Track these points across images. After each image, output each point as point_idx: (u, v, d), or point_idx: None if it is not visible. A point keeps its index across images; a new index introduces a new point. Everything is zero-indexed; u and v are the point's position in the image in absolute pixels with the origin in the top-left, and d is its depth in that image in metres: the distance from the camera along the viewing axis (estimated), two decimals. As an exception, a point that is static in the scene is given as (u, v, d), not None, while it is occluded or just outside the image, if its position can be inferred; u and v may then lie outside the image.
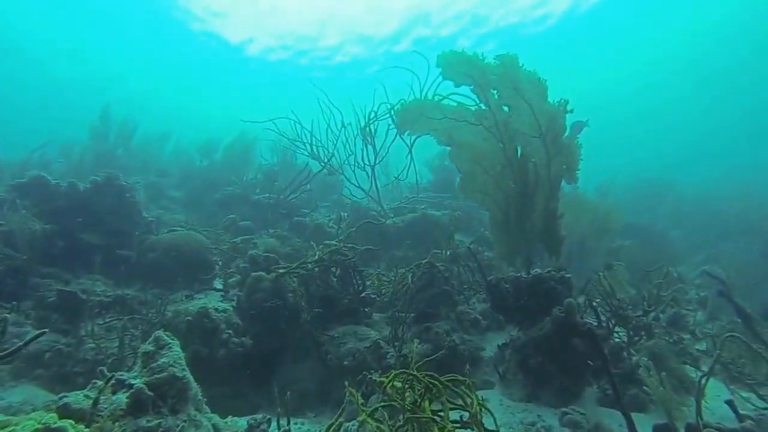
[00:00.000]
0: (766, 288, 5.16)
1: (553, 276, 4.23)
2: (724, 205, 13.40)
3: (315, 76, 35.75)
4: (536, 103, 3.92)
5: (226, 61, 37.23)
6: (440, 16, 30.19)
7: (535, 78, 3.89)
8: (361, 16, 30.11)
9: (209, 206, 9.64)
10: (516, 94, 3.92)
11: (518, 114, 4.02)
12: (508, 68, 3.89)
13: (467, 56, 4.00)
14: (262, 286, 4.60)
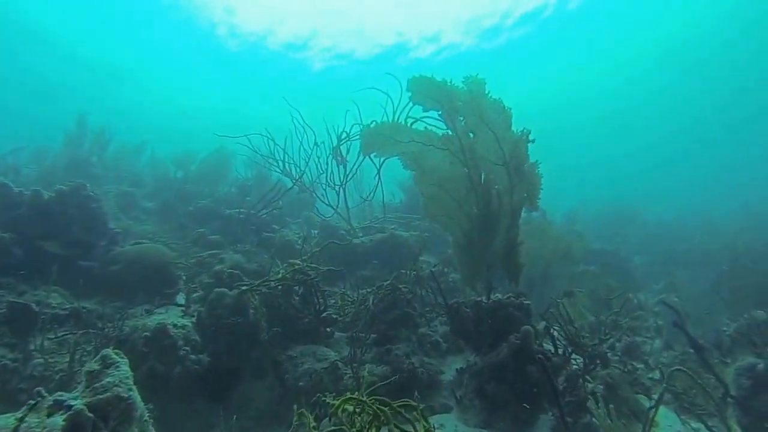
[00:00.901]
0: (719, 318, 5.30)
1: (512, 302, 4.29)
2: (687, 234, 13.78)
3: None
4: (500, 132, 4.03)
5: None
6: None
7: (500, 106, 4.01)
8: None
9: (181, 218, 9.53)
10: (481, 122, 4.02)
11: (483, 141, 4.12)
12: (474, 95, 3.99)
13: (436, 82, 4.09)
14: (224, 303, 4.56)
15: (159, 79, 41.47)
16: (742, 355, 4.39)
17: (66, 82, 38.81)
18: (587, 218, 16.22)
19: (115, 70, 38.54)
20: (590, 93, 45.44)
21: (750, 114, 42.82)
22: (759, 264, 6.08)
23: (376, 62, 34.76)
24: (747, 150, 47.95)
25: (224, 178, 12.09)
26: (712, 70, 38.01)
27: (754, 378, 3.94)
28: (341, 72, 36.80)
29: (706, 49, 35.61)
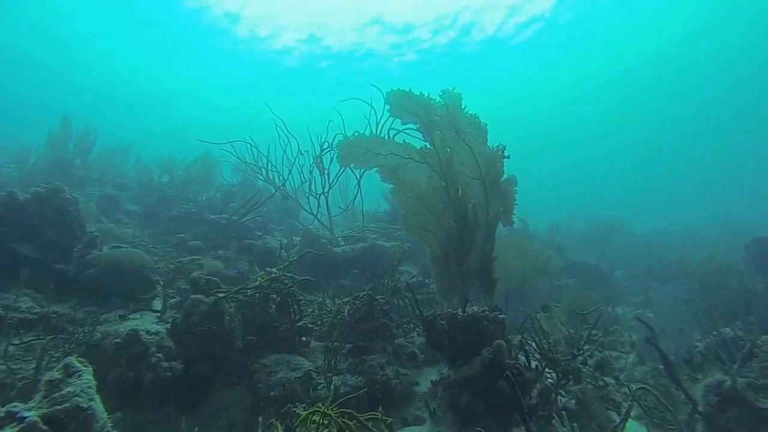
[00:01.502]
0: (692, 333, 5.36)
1: (487, 316, 4.31)
2: (669, 248, 13.95)
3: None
4: (477, 147, 4.07)
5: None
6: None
7: (476, 121, 4.05)
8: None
9: (165, 223, 9.50)
10: (458, 137, 4.06)
11: (460, 156, 4.16)
12: (451, 110, 4.03)
13: (414, 96, 4.13)
14: (199, 310, 4.54)
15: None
16: (712, 372, 4.45)
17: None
18: (572, 231, 16.41)
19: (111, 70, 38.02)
20: (577, 104, 45.87)
21: (739, 122, 43.69)
22: (731, 282, 6.17)
23: (369, 58, 34.82)
24: (738, 160, 48.89)
25: (210, 184, 12.05)
26: (700, 79, 38.74)
27: (721, 395, 3.99)
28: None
29: (693, 59, 36.26)
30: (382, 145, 4.23)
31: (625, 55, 36.95)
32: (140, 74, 38.89)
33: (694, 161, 51.50)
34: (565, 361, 4.50)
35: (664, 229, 18.82)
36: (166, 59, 36.94)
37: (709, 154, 50.09)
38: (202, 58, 36.76)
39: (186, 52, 35.96)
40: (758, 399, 3.76)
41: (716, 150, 49.11)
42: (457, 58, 35.14)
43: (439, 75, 36.20)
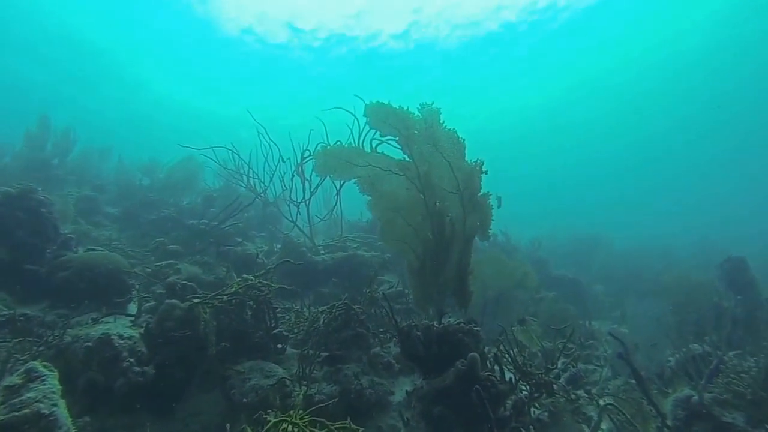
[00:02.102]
0: (664, 348, 5.45)
1: (462, 328, 4.33)
2: (647, 264, 14.13)
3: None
4: (455, 161, 4.11)
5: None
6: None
7: (454, 136, 4.10)
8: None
9: (144, 226, 9.41)
10: (436, 151, 4.09)
11: (438, 169, 4.19)
12: (429, 124, 4.07)
13: (393, 109, 4.16)
14: (174, 315, 4.49)
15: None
16: (681, 387, 4.52)
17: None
18: (555, 244, 16.55)
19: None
20: (562, 113, 46.41)
21: (715, 136, 44.56)
22: (703, 299, 6.27)
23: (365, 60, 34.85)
24: (715, 172, 49.80)
25: (192, 188, 11.97)
26: (680, 92, 39.52)
27: (688, 409, 4.07)
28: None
29: (672, 74, 37.00)
30: (361, 157, 4.25)
31: (608, 66, 37.56)
32: (128, 74, 38.44)
33: (673, 171, 52.34)
34: (539, 375, 4.53)
35: (644, 245, 19.09)
36: (158, 60, 36.65)
37: (688, 165, 51.00)
38: (198, 63, 36.58)
39: (183, 58, 35.76)
40: (723, 413, 3.84)
41: (694, 161, 50.05)
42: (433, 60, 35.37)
43: (417, 74, 36.33)
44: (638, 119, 45.44)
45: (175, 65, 37.31)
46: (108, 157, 13.57)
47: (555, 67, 37.95)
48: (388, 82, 36.02)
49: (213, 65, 36.83)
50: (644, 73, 37.72)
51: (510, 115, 45.95)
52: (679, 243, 19.71)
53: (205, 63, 36.55)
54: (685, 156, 49.97)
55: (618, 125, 47.53)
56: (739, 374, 3.85)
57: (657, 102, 42.19)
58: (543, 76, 39.46)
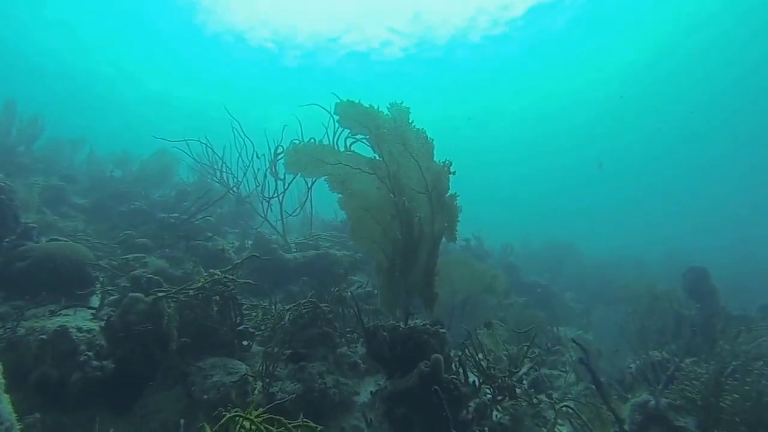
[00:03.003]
0: (626, 355, 5.56)
1: (428, 329, 4.36)
2: (617, 273, 14.39)
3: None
4: (423, 161, 4.14)
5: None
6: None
7: (423, 136, 4.12)
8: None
9: (114, 219, 9.24)
10: (405, 150, 4.12)
11: (407, 169, 4.21)
12: (399, 123, 4.09)
13: (363, 108, 4.17)
14: (138, 309, 4.42)
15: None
16: (640, 392, 4.63)
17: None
18: (528, 251, 16.77)
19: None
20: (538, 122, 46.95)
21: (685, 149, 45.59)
22: (667, 308, 6.43)
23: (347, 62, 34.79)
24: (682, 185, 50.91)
25: (166, 182, 11.81)
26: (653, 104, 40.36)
27: (645, 414, 4.16)
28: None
29: (646, 86, 37.76)
30: (331, 155, 4.24)
31: (585, 74, 38.17)
32: (105, 66, 37.74)
33: (649, 182, 53.34)
34: (502, 378, 4.58)
35: (614, 254, 19.46)
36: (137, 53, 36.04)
37: (664, 177, 52.11)
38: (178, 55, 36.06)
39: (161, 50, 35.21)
40: (676, 418, 3.94)
41: (669, 172, 51.18)
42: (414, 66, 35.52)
43: (395, 81, 36.49)
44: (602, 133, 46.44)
45: (153, 56, 36.73)
46: (80, 147, 13.24)
47: (535, 76, 38.42)
48: (372, 84, 36.08)
49: (192, 58, 36.36)
50: (621, 86, 38.41)
51: (489, 120, 46.40)
52: (650, 253, 20.12)
53: (184, 55, 36.07)
54: (660, 167, 51.04)
55: (598, 135, 48.28)
56: (691, 380, 3.95)
57: (633, 114, 43.00)
58: (523, 85, 39.91)
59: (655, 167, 51.58)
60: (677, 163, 49.48)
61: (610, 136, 48.03)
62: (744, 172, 46.08)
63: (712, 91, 36.27)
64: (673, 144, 46.42)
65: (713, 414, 3.72)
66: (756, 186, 45.83)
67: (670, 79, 36.42)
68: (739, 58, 32.02)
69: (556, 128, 47.70)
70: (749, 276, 15.70)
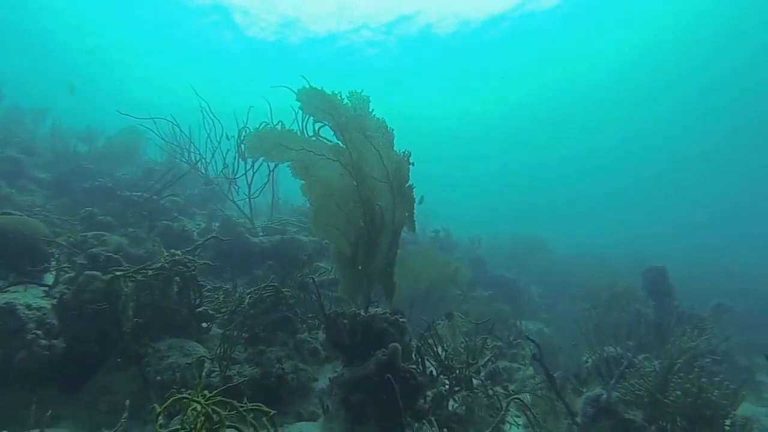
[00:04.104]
0: (583, 349, 5.67)
1: (388, 318, 4.37)
2: (582, 270, 14.63)
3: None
4: (384, 151, 4.13)
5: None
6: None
7: (383, 126, 4.11)
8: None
9: (77, 195, 8.99)
10: (365, 140, 4.10)
11: (368, 158, 4.19)
12: (359, 112, 4.07)
13: (326, 95, 4.12)
14: (93, 287, 4.31)
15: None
16: (594, 386, 4.74)
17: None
18: (497, 245, 16.93)
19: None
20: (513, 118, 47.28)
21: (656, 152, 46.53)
22: (626, 305, 6.57)
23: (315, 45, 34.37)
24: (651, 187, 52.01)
25: (133, 160, 11.54)
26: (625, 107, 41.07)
27: (596, 407, 4.26)
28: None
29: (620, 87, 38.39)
30: (295, 140, 4.19)
31: (560, 72, 38.58)
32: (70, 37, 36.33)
33: (619, 184, 54.28)
34: (459, 369, 4.63)
35: (581, 251, 19.80)
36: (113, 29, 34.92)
37: (628, 178, 53.13)
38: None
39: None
40: (625, 411, 4.05)
41: (640, 174, 52.23)
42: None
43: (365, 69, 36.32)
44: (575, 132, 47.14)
45: (125, 35, 35.61)
46: (42, 119, 12.75)
47: (516, 73, 38.66)
48: (351, 72, 35.81)
49: (164, 39, 35.40)
50: (595, 87, 38.99)
51: (467, 117, 46.63)
52: (617, 251, 20.53)
53: (156, 35, 35.06)
54: (632, 168, 52.01)
55: (575, 134, 48.91)
56: (641, 376, 4.05)
57: (611, 112, 43.64)
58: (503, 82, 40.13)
59: (628, 169, 52.55)
60: (649, 164, 50.53)
61: (585, 135, 48.78)
62: (721, 174, 47.27)
63: (686, 95, 37.05)
64: (647, 145, 47.36)
65: (659, 408, 3.83)
66: (727, 190, 47.19)
67: (646, 80, 37.04)
68: (703, 72, 32.95)
69: (530, 125, 48.12)
70: (708, 277, 16.18)
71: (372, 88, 4.30)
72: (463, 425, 4.29)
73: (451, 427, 4.26)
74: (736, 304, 9.85)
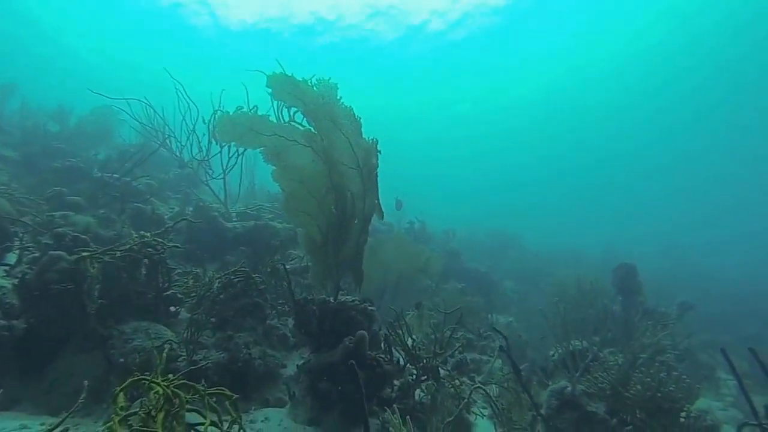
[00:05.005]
0: (551, 343, 5.76)
1: (356, 306, 4.38)
2: (555, 266, 14.85)
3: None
4: (353, 138, 4.12)
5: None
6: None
7: (351, 113, 4.09)
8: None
9: (46, 174, 8.77)
10: (335, 127, 4.08)
11: (338, 145, 4.18)
12: (327, 99, 4.05)
13: (295, 80, 4.09)
14: (58, 267, 4.21)
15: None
16: (560, 379, 4.82)
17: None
18: (473, 239, 17.05)
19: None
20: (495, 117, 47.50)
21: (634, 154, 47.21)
22: (596, 301, 6.68)
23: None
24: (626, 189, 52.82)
25: (107, 141, 11.27)
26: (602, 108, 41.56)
27: (560, 399, 4.33)
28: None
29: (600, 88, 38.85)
30: (266, 126, 4.15)
31: (545, 74, 38.89)
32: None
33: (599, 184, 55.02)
34: (426, 359, 4.66)
35: (555, 247, 20.05)
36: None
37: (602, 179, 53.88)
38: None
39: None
40: (588, 403, 4.13)
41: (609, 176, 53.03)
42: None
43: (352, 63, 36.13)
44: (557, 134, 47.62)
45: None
46: (10, 95, 12.31)
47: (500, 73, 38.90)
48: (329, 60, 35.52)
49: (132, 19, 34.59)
50: (574, 88, 39.42)
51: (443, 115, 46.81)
52: (592, 249, 20.82)
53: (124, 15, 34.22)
54: (611, 170, 52.76)
55: (558, 132, 49.35)
56: (604, 370, 4.13)
57: (593, 111, 44.13)
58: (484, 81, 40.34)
59: (608, 170, 53.29)
60: (630, 166, 51.32)
61: (566, 137, 49.32)
62: (702, 178, 48.22)
63: (671, 97, 37.68)
64: (628, 147, 48.03)
65: (620, 401, 3.92)
66: (709, 194, 48.15)
67: (631, 81, 37.53)
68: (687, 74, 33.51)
69: (513, 125, 48.48)
70: (679, 278, 16.56)
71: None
72: (427, 414, 4.32)
73: (415, 416, 4.28)
74: (702, 304, 10.13)
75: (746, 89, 32.44)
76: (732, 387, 7.56)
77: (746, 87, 32.23)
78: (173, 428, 2.45)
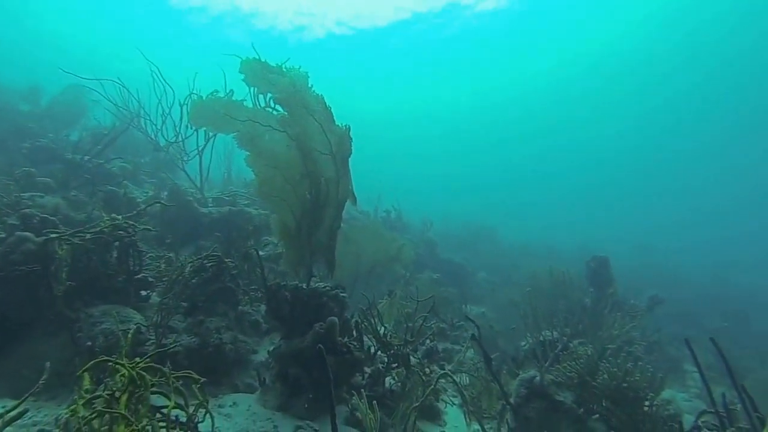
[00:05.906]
0: (522, 334, 5.85)
1: (328, 292, 4.39)
2: (530, 258, 15.03)
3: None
4: (326, 124, 4.11)
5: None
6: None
7: (322, 101, 4.09)
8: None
9: (16, 155, 8.56)
10: (307, 113, 4.06)
11: (311, 130, 4.16)
12: (298, 87, 4.04)
13: (270, 67, 4.06)
14: (24, 248, 4.14)
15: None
16: (530, 368, 4.89)
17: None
18: (449, 231, 17.13)
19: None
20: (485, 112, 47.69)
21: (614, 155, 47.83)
22: (568, 292, 6.79)
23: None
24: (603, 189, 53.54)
25: (78, 122, 11.01)
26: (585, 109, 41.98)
27: (529, 388, 4.40)
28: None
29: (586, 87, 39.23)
30: (240, 111, 4.11)
31: (531, 71, 39.10)
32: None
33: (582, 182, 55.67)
34: (397, 346, 4.69)
35: (533, 242, 20.29)
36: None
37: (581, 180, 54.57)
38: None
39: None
40: (556, 393, 4.20)
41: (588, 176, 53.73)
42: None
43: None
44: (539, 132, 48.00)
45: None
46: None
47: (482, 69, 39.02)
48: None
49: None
50: (558, 84, 39.72)
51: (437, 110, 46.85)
52: (568, 246, 21.07)
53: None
54: (594, 169, 53.42)
55: (547, 129, 49.75)
56: (573, 359, 4.21)
57: (577, 111, 44.58)
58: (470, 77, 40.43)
59: (590, 169, 53.96)
60: (611, 165, 52.04)
61: (554, 132, 49.78)
62: (689, 178, 49.07)
63: (657, 95, 38.18)
64: (612, 146, 48.67)
65: (588, 390, 4.00)
66: (695, 195, 49.04)
67: (613, 78, 37.92)
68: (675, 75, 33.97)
69: (495, 122, 48.77)
70: (649, 275, 16.92)
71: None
72: (396, 401, 4.36)
73: (385, 402, 4.31)
74: (672, 301, 10.36)
75: (743, 90, 32.98)
76: (697, 379, 7.77)
77: (741, 89, 32.77)
78: (137, 410, 2.43)
